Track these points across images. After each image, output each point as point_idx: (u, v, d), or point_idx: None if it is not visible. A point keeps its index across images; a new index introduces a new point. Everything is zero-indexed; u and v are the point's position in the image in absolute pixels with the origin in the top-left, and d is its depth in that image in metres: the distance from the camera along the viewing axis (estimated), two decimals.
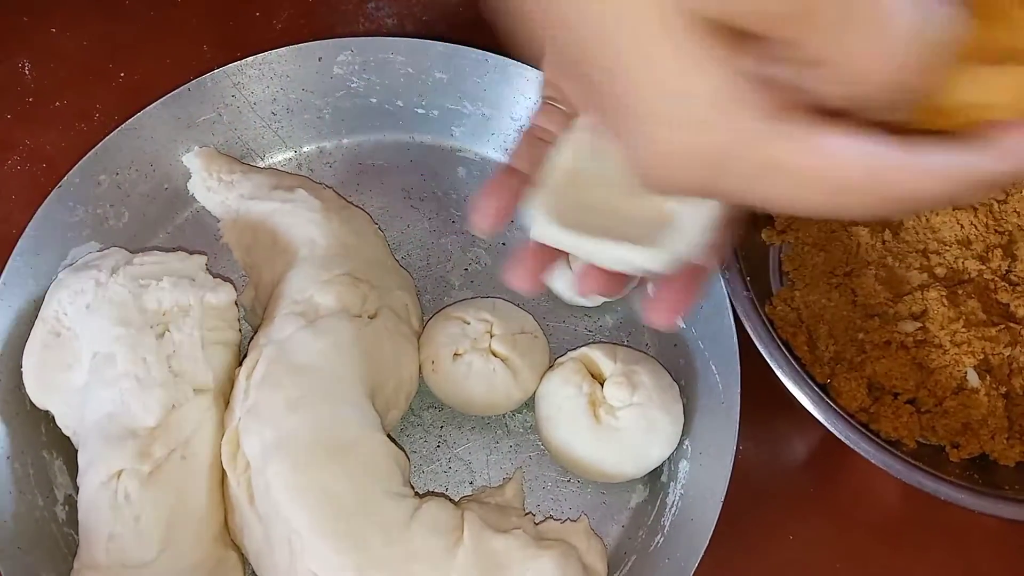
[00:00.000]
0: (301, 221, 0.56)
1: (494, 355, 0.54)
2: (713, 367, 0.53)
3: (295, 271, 0.54)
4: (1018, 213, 0.58)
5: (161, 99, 0.58)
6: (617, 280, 0.39)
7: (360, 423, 0.48)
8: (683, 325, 0.56)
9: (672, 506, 0.53)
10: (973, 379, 0.54)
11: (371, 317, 0.53)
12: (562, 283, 0.58)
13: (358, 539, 0.45)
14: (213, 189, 0.59)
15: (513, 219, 0.40)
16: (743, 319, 0.52)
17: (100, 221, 0.57)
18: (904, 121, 0.28)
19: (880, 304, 0.56)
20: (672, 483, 0.54)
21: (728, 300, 0.53)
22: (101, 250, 0.56)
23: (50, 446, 0.53)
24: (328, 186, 0.61)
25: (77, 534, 0.48)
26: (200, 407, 0.49)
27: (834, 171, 0.26)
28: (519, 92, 0.60)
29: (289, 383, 0.48)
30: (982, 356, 0.54)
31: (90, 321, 0.50)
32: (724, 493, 0.49)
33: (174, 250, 0.55)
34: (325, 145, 0.63)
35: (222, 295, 0.53)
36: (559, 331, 0.59)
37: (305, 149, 0.63)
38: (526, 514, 0.53)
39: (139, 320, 0.50)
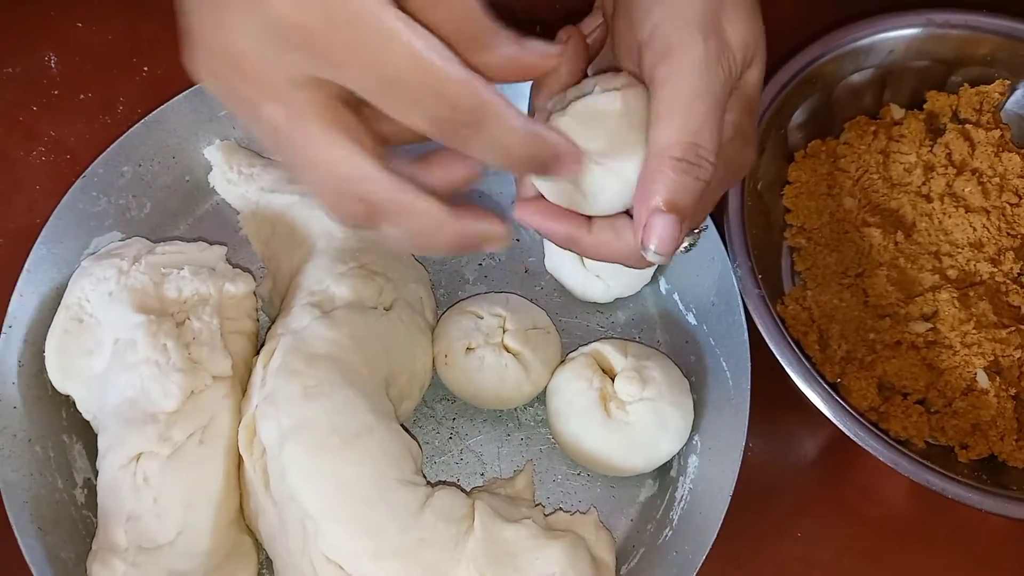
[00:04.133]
0: (319, 214, 0.56)
1: (506, 350, 0.55)
2: (724, 364, 0.54)
3: (312, 263, 0.54)
4: None
5: (184, 93, 0.59)
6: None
7: (374, 412, 0.48)
8: (694, 321, 0.57)
9: (681, 500, 0.53)
10: (983, 380, 0.54)
11: (386, 309, 0.54)
12: (573, 278, 0.59)
13: (371, 525, 0.46)
14: (233, 182, 0.60)
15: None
16: (755, 317, 0.52)
17: (122, 211, 0.58)
18: None
19: (891, 305, 0.56)
20: (681, 478, 0.54)
21: (740, 298, 0.53)
22: (123, 240, 0.57)
23: (70, 430, 0.54)
24: None
25: (96, 517, 0.49)
26: (218, 394, 0.50)
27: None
28: None
29: (305, 372, 0.48)
30: (992, 358, 0.54)
31: (112, 308, 0.51)
32: (732, 488, 0.50)
33: (195, 241, 0.56)
34: None
35: (241, 285, 0.54)
36: (571, 327, 0.59)
37: None
38: (536, 505, 0.53)
39: (159, 308, 0.51)
